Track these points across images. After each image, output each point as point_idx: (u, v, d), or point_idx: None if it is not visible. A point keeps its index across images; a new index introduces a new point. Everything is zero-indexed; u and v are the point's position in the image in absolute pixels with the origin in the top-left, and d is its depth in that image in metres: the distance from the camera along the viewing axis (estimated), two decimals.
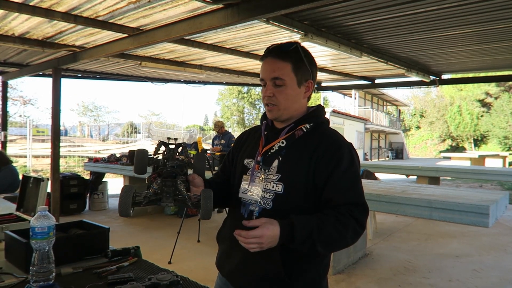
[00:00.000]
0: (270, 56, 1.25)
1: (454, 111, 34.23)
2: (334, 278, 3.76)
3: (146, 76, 8.05)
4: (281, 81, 1.22)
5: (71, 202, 6.63)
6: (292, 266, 1.19)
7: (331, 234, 1.11)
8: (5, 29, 4.58)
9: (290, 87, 1.23)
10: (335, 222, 1.12)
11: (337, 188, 1.17)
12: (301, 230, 1.09)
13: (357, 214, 1.15)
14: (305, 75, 1.25)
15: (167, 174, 1.20)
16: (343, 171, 1.18)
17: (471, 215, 2.92)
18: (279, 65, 1.22)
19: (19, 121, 24.27)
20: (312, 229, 1.10)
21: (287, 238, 1.09)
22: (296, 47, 1.23)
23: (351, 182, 1.19)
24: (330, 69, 7.19)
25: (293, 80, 1.23)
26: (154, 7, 3.70)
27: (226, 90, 37.50)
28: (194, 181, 1.27)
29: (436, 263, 4.31)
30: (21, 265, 1.46)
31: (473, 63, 6.38)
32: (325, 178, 1.18)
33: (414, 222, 6.24)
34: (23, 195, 2.29)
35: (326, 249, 1.16)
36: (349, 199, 1.17)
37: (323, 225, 1.11)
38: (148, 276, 1.33)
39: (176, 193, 1.16)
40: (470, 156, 18.76)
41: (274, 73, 1.22)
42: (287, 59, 1.22)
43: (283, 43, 1.25)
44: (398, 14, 3.86)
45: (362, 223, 1.16)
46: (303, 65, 1.24)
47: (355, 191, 1.19)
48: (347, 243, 1.17)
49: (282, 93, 1.23)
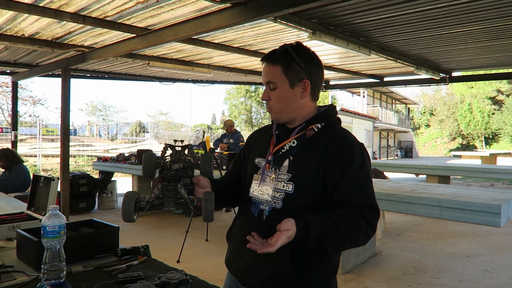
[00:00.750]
0: (264, 61, 1.29)
1: (464, 109, 33.82)
2: (342, 277, 3.74)
3: (154, 76, 8.10)
4: (274, 84, 1.26)
5: (80, 201, 6.70)
6: (301, 266, 1.19)
7: (342, 235, 1.12)
8: (15, 30, 4.64)
9: (282, 89, 1.25)
10: (347, 224, 1.12)
11: (349, 190, 1.17)
12: (315, 231, 1.09)
13: (368, 216, 1.15)
14: (298, 75, 1.24)
15: (171, 178, 1.21)
16: (354, 172, 1.18)
17: (482, 214, 2.88)
18: (270, 69, 1.26)
19: (28, 120, 24.59)
20: (325, 231, 1.10)
21: (300, 238, 1.10)
22: (286, 49, 1.24)
23: (363, 183, 1.19)
24: (338, 68, 7.14)
25: (284, 82, 1.24)
26: (162, 7, 3.71)
27: (234, 89, 37.56)
28: (200, 183, 1.27)
29: (447, 263, 4.26)
30: (33, 264, 1.48)
31: (484, 60, 6.29)
32: (336, 178, 1.18)
33: (423, 221, 6.18)
34: (34, 194, 2.31)
35: (336, 250, 1.18)
36: (360, 201, 1.17)
37: (336, 227, 1.11)
38: (157, 275, 1.33)
39: (177, 197, 1.18)
40: (481, 155, 18.53)
41: (267, 77, 1.27)
42: (276, 62, 1.25)
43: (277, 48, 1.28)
44: (407, 11, 3.82)
45: (373, 225, 1.17)
46: (294, 66, 1.24)
47: (367, 193, 1.19)
48: (357, 244, 1.19)
49: (275, 96, 1.27)
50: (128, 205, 1.14)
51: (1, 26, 4.46)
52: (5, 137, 17.32)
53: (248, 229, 1.26)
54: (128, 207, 1.14)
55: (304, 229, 1.09)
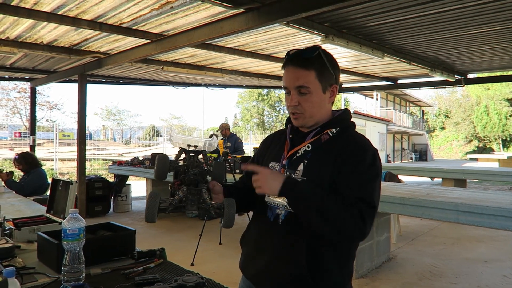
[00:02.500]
0: (292, 64, 1.22)
1: (481, 111, 33.13)
2: (357, 282, 3.71)
3: (167, 80, 8.20)
4: (306, 89, 1.21)
5: (96, 204, 6.79)
6: (317, 269, 1.19)
7: (330, 208, 1.11)
8: (34, 38, 4.77)
9: (315, 94, 1.22)
10: (338, 202, 1.12)
11: (351, 184, 1.16)
12: (305, 186, 1.13)
13: (363, 208, 1.12)
14: (329, 80, 1.24)
15: (190, 182, 1.22)
16: (361, 170, 1.17)
17: (500, 218, 2.82)
18: (302, 73, 1.20)
19: (45, 125, 25.13)
20: (314, 193, 1.12)
21: (288, 187, 1.13)
22: (319, 53, 1.21)
23: (366, 180, 1.17)
24: (351, 70, 7.11)
25: (318, 87, 1.22)
26: (176, 13, 3.77)
27: (246, 93, 37.64)
28: (214, 188, 1.28)
29: (464, 268, 4.18)
30: (53, 265, 1.51)
31: (501, 62, 6.18)
32: (344, 176, 1.17)
33: (439, 225, 6.08)
34: (53, 197, 2.36)
35: (319, 222, 1.12)
36: (358, 194, 1.14)
37: (326, 197, 1.12)
38: (174, 277, 1.35)
39: (200, 201, 1.18)
40: (498, 158, 18.13)
41: (299, 82, 1.21)
42: (310, 66, 1.20)
43: (304, 49, 1.23)
44: (421, 13, 3.79)
45: (364, 217, 1.11)
46: (327, 70, 1.23)
47: (367, 189, 1.16)
48: (344, 229, 1.12)
49: (307, 101, 1.22)
50: (152, 206, 1.14)
51: (21, 34, 4.60)
52: (24, 142, 17.74)
53: (264, 233, 1.27)
54: (152, 208, 1.14)
55: (294, 181, 1.14)
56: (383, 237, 4.28)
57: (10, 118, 23.73)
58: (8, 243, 1.67)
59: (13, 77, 7.61)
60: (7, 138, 21.97)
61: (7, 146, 18.64)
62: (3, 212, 2.16)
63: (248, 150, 19.51)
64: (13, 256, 1.62)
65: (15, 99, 22.33)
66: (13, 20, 4.08)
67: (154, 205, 1.14)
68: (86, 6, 3.59)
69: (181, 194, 1.18)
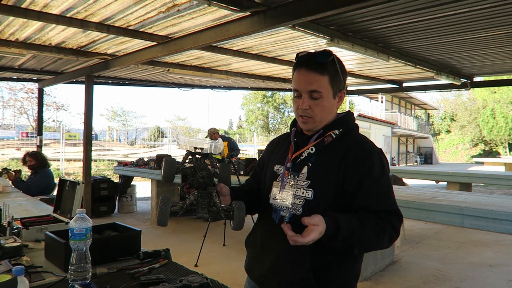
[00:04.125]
0: (305, 68, 1.22)
1: (487, 114, 32.87)
2: (360, 285, 3.70)
3: (173, 82, 8.24)
4: (319, 94, 1.21)
5: (101, 204, 6.84)
6: (322, 272, 1.20)
7: (369, 236, 1.12)
8: (43, 40, 4.83)
9: (326, 99, 1.23)
10: (374, 225, 1.13)
11: (372, 196, 1.18)
12: (345, 228, 1.08)
13: (394, 221, 1.17)
14: (339, 86, 1.26)
15: (199, 185, 1.23)
16: (376, 179, 1.19)
17: (506, 223, 2.81)
18: (316, 78, 1.20)
19: (52, 125, 25.34)
20: (354, 230, 1.09)
21: (330, 236, 1.08)
22: (333, 58, 1.22)
23: (386, 190, 1.20)
24: (356, 73, 7.11)
25: (329, 92, 1.23)
26: (182, 16, 3.80)
27: (251, 95, 37.70)
28: (222, 190, 1.29)
29: (469, 272, 4.16)
30: (60, 264, 1.54)
31: (507, 65, 6.14)
32: (357, 184, 1.18)
33: (444, 229, 6.04)
34: (60, 197, 2.40)
35: (361, 251, 1.18)
36: (385, 207, 1.18)
37: (363, 227, 1.11)
38: (178, 278, 1.37)
39: (210, 204, 1.19)
40: (504, 161, 17.99)
41: (312, 86, 1.21)
42: (324, 71, 1.21)
43: (318, 54, 1.22)
44: (427, 17, 3.79)
45: (397, 229, 1.17)
46: (338, 76, 1.24)
47: (390, 199, 1.20)
48: (382, 247, 1.19)
49: (318, 105, 1.23)
50: (164, 209, 1.15)
51: (30, 36, 4.66)
52: (31, 142, 17.91)
53: (269, 235, 1.29)
54: (164, 211, 1.15)
55: (334, 227, 1.07)
56: None
57: (18, 118, 24.00)
58: (16, 242, 1.69)
59: (21, 78, 7.71)
60: (14, 138, 22.20)
61: (14, 146, 18.83)
62: (11, 211, 2.19)
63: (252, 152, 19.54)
64: (21, 255, 1.65)
65: (22, 99, 22.59)
66: (22, 22, 4.14)
67: (166, 209, 1.15)
68: (94, 9, 3.63)
69: (192, 198, 1.19)
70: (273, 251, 1.27)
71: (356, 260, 1.26)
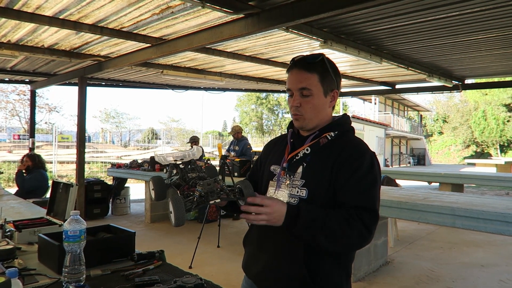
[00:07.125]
0: (296, 68, 1.28)
1: (478, 116, 33.25)
2: (354, 285, 3.72)
3: (167, 84, 8.23)
4: (308, 91, 1.26)
5: (94, 206, 6.79)
6: (316, 269, 1.22)
7: (334, 229, 1.13)
8: (36, 41, 4.80)
9: (316, 97, 1.27)
10: (341, 220, 1.14)
11: (351, 191, 1.20)
12: (306, 215, 1.12)
13: (365, 218, 1.16)
14: (330, 85, 1.30)
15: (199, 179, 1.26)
16: (360, 176, 1.20)
17: (496, 223, 2.84)
18: (306, 76, 1.26)
19: (44, 127, 25.09)
20: (317, 218, 1.13)
21: (291, 220, 1.12)
22: (322, 58, 1.27)
23: (366, 187, 1.21)
24: (349, 75, 7.16)
25: (319, 91, 1.27)
26: (176, 18, 3.80)
27: (245, 96, 37.74)
28: None
29: (461, 272, 4.20)
30: (54, 267, 1.53)
31: (498, 68, 6.23)
32: (343, 182, 1.21)
33: (437, 230, 6.10)
34: (53, 200, 2.38)
35: (328, 244, 1.16)
36: (360, 203, 1.18)
37: (328, 219, 1.13)
38: (173, 279, 1.37)
39: (218, 190, 1.20)
40: (496, 163, 18.16)
41: (301, 84, 1.26)
42: (313, 70, 1.26)
43: (309, 55, 1.29)
44: (419, 20, 3.83)
45: (369, 228, 1.16)
46: (329, 76, 1.28)
47: (368, 196, 1.20)
48: (351, 244, 1.18)
49: (309, 103, 1.27)
50: (181, 210, 1.15)
51: (23, 38, 4.63)
52: (23, 144, 17.72)
53: (265, 233, 1.31)
54: (181, 212, 1.15)
55: (296, 210, 1.13)
56: (380, 241, 4.31)
57: (9, 120, 23.73)
58: (9, 245, 1.68)
59: (14, 79, 7.64)
60: (5, 141, 21.95)
61: (5, 149, 18.61)
62: (4, 214, 2.18)
63: None
64: (14, 257, 1.63)
65: (14, 101, 22.33)
66: (14, 24, 4.11)
67: (182, 210, 1.16)
68: (87, 11, 3.62)
69: (200, 188, 1.19)
70: (269, 248, 1.30)
71: (348, 258, 1.29)
